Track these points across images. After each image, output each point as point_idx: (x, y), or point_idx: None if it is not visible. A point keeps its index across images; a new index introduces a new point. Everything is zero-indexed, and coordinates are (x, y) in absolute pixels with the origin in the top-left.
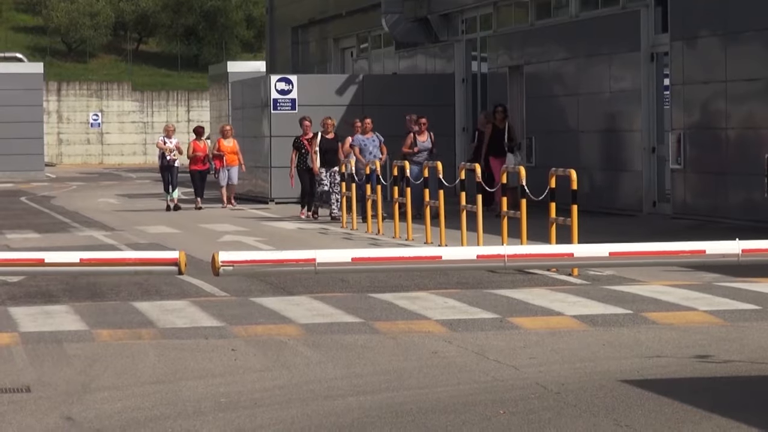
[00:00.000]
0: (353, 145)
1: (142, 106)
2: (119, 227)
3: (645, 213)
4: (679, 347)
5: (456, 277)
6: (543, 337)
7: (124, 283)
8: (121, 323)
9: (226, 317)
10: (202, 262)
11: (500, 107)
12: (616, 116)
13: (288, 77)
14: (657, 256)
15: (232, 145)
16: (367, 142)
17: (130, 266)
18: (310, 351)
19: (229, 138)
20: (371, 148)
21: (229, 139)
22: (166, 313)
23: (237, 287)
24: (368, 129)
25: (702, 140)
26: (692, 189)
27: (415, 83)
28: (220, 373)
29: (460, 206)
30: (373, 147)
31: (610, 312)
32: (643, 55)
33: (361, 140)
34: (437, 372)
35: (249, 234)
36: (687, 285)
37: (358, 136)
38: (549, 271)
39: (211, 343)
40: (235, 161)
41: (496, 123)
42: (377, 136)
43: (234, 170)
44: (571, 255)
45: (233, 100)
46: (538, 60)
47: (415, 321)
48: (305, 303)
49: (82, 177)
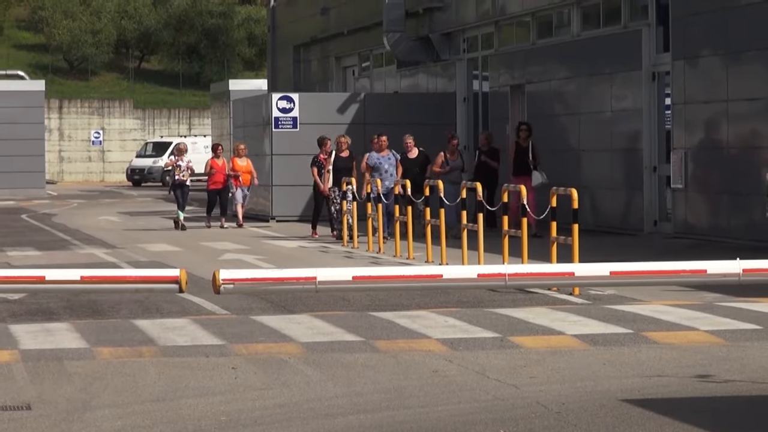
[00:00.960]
0: (367, 163)
1: (143, 124)
2: (120, 245)
3: (646, 232)
4: (680, 367)
5: (457, 295)
6: (544, 356)
7: (124, 301)
8: (122, 341)
9: (227, 335)
10: (202, 280)
11: (524, 125)
12: (618, 135)
13: (290, 95)
14: (658, 276)
15: (246, 165)
16: (383, 160)
17: (131, 284)
18: (310, 369)
19: (242, 157)
20: (386, 167)
21: (243, 159)
22: (167, 331)
23: (238, 305)
24: (384, 146)
25: (703, 159)
26: (693, 208)
27: (416, 102)
28: (221, 391)
29: (460, 225)
30: (389, 165)
31: (611, 331)
32: (644, 74)
33: (376, 158)
34: (438, 391)
35: (250, 252)
36: (688, 305)
37: (373, 154)
38: (550, 291)
39: (211, 361)
40: (248, 182)
41: (519, 141)
42: (393, 155)
43: (246, 191)
44: (572, 274)
45: (235, 118)
46: (540, 79)
47: (415, 340)
48: (306, 321)
49: (83, 195)
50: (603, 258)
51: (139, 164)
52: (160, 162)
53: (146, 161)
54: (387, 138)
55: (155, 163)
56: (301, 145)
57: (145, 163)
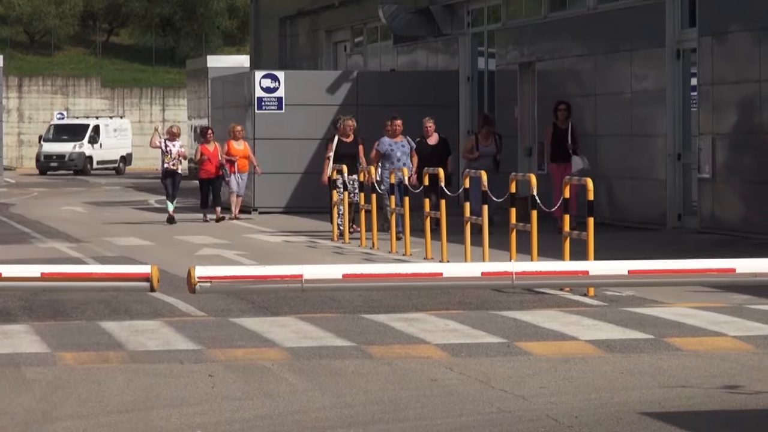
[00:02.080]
0: (377, 150)
1: (112, 104)
2: (85, 238)
3: (669, 227)
4: (705, 376)
5: (458, 296)
6: (555, 364)
7: (90, 301)
8: (87, 345)
9: (203, 339)
10: (176, 278)
11: (563, 104)
12: (638, 119)
13: (274, 73)
14: (682, 275)
15: (244, 149)
16: (395, 147)
17: (97, 282)
18: (295, 378)
19: (239, 140)
20: (399, 155)
21: (240, 141)
22: (137, 334)
23: (215, 306)
24: (397, 132)
25: (733, 146)
26: (722, 200)
27: (415, 81)
28: (196, 401)
29: (463, 218)
30: (401, 153)
31: (630, 337)
32: (668, 51)
33: (388, 144)
34: (437, 402)
35: (229, 247)
36: (715, 307)
37: (385, 140)
38: (562, 291)
39: (186, 368)
40: (246, 167)
41: (557, 123)
42: (408, 142)
43: (244, 177)
44: (587, 273)
45: (213, 98)
46: (552, 56)
47: (412, 345)
48: (291, 324)
49: (44, 183)
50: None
51: (54, 150)
52: (82, 147)
53: (65, 146)
54: (402, 122)
55: (76, 149)
56: (287, 129)
57: (63, 148)
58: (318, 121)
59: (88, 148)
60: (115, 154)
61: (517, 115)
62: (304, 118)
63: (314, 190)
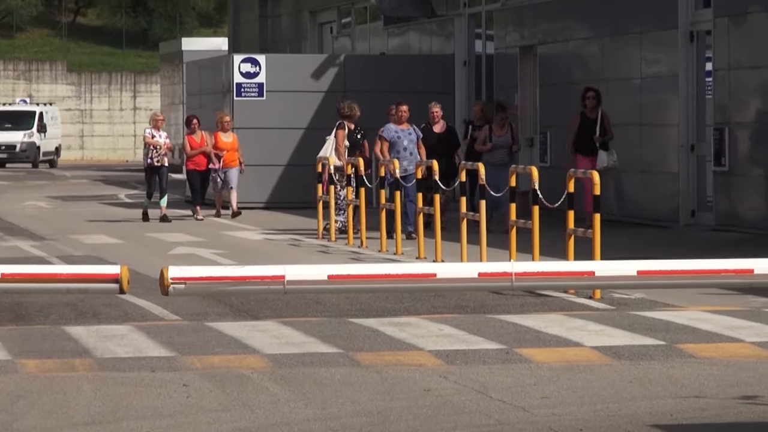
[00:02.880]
0: (382, 137)
1: (79, 91)
2: (50, 236)
3: (682, 224)
4: (721, 386)
5: (454, 299)
6: (558, 373)
7: (54, 304)
8: (51, 352)
9: (177, 346)
10: (148, 279)
11: (592, 91)
12: (648, 107)
13: (254, 57)
14: (695, 276)
15: (232, 141)
16: (402, 134)
17: (62, 283)
18: (277, 387)
19: (228, 131)
20: (406, 143)
21: (229, 133)
22: (105, 340)
23: (190, 309)
24: (404, 118)
25: (751, 136)
26: (739, 195)
27: (406, 65)
28: (169, 413)
29: (459, 214)
30: (408, 142)
31: (639, 343)
32: (680, 33)
33: (394, 131)
34: (430, 414)
35: (206, 245)
36: (731, 311)
37: (390, 126)
38: (566, 293)
39: (158, 376)
40: (235, 161)
41: (585, 111)
42: (415, 130)
43: (233, 172)
44: (593, 274)
45: (188, 84)
46: (555, 39)
47: (404, 352)
48: (272, 329)
49: (5, 175)
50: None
51: (4, 139)
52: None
53: (14, 135)
54: (408, 108)
55: (27, 138)
56: (268, 117)
57: (13, 138)
58: (302, 109)
59: (38, 138)
60: (52, 145)
61: (517, 103)
62: (287, 105)
63: (298, 184)
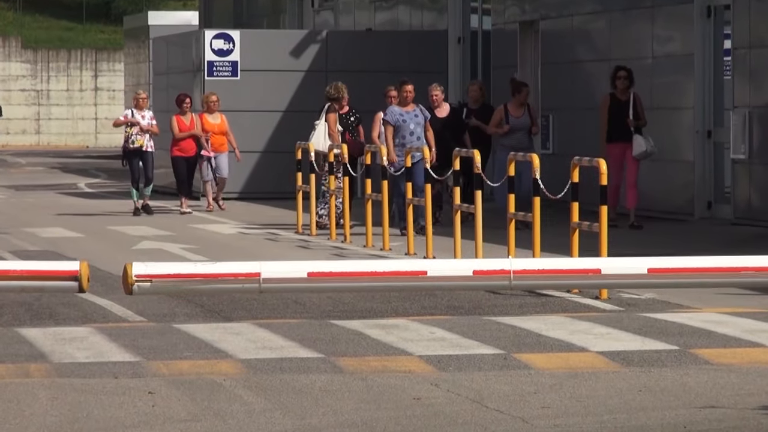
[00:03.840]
0: (386, 121)
1: (34, 69)
2: (2, 229)
3: (697, 217)
4: (739, 395)
5: (446, 299)
6: (560, 380)
7: (7, 303)
8: (3, 356)
9: (142, 350)
10: (111, 277)
11: (623, 71)
12: (661, 89)
13: (228, 33)
14: (712, 275)
15: (220, 123)
16: (407, 117)
17: (16, 281)
18: (252, 395)
19: (215, 113)
20: (413, 127)
21: (216, 115)
22: (63, 343)
23: (157, 310)
24: (409, 99)
25: None
26: (760, 186)
27: (395, 42)
28: (133, 423)
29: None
30: (415, 125)
31: (649, 348)
32: (697, 8)
33: (398, 114)
34: (420, 425)
35: (174, 240)
36: (751, 313)
37: (394, 109)
38: (569, 293)
39: (121, 383)
40: (224, 146)
41: (616, 93)
42: (421, 111)
43: (223, 158)
44: (599, 272)
45: (155, 62)
46: (559, 14)
47: (391, 357)
48: (247, 332)
49: None
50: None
51: None
52: None
53: None
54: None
55: None
56: (243, 99)
57: None
58: (280, 90)
59: None
60: None
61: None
62: (264, 86)
63: (275, 172)
